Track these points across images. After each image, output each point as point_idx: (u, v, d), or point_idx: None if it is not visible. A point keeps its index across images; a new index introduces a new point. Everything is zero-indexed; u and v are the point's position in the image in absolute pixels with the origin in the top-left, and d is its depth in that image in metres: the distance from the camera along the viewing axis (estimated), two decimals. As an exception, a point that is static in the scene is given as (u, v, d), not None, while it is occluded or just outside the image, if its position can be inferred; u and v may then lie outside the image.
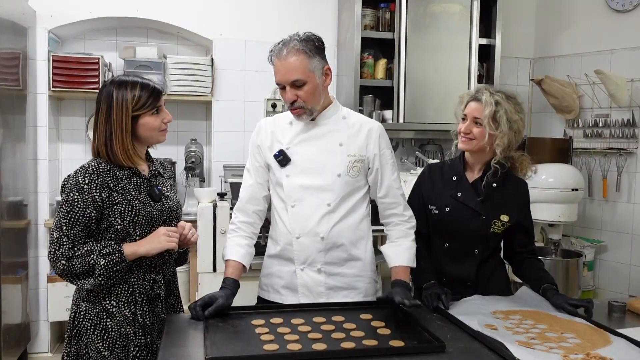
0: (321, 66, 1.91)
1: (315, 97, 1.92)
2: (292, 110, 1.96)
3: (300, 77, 1.88)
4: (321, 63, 1.91)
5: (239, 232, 2.04)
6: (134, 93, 1.80)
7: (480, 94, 2.06)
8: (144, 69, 3.63)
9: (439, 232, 2.16)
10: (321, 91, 1.94)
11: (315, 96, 1.92)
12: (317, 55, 1.90)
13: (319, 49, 1.91)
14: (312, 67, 1.89)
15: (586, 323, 1.85)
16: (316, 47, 1.90)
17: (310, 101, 1.92)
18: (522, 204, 2.17)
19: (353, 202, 2.01)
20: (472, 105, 2.08)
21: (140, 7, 3.65)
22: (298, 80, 1.88)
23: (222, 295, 1.84)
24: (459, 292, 2.06)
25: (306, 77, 1.88)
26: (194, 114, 4.02)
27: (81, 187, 1.74)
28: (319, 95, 1.94)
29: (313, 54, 1.89)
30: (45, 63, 3.53)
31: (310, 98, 1.91)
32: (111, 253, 1.73)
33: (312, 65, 1.88)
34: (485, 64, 3.93)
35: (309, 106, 1.93)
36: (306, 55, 1.87)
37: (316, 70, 1.90)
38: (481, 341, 1.66)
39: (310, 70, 1.88)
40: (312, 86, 1.90)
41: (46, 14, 3.52)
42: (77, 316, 1.81)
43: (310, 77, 1.89)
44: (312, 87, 1.90)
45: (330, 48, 3.92)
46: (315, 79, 1.90)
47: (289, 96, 1.90)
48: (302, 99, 1.90)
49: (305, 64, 1.87)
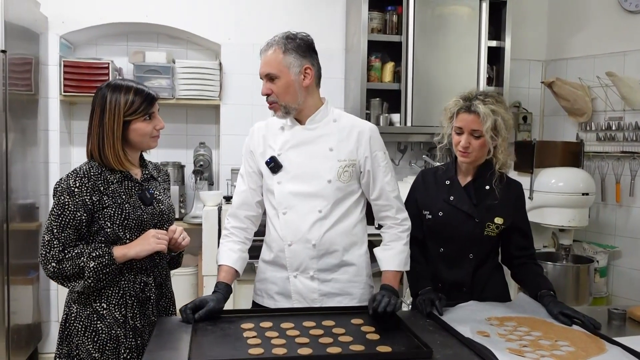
0: (298, 64, 1.92)
1: (289, 94, 1.93)
2: (269, 106, 1.98)
3: (272, 71, 1.91)
4: (299, 61, 1.92)
5: (232, 237, 2.05)
6: (127, 98, 1.82)
7: (475, 107, 2.01)
8: (153, 73, 3.68)
9: (434, 237, 2.14)
10: (297, 89, 1.93)
11: (289, 93, 1.93)
12: (295, 53, 1.91)
13: (300, 47, 1.92)
14: (287, 62, 1.90)
15: (583, 330, 1.81)
16: (296, 45, 1.92)
17: (283, 97, 1.93)
18: (517, 206, 2.13)
19: (345, 208, 2.00)
20: (466, 117, 2.02)
21: (150, 13, 3.70)
22: (270, 74, 1.92)
23: (213, 299, 1.84)
24: (454, 297, 2.04)
25: (279, 71, 1.91)
26: (203, 117, 4.05)
27: (72, 191, 1.76)
28: (294, 93, 1.94)
29: (290, 50, 1.91)
30: (56, 68, 3.59)
31: (283, 94, 1.92)
32: (101, 256, 1.75)
33: (286, 61, 1.90)
34: (495, 66, 3.88)
35: (282, 102, 1.94)
36: (281, 51, 1.91)
37: (291, 67, 1.91)
38: (470, 348, 1.63)
39: (284, 65, 1.90)
40: (285, 82, 1.91)
41: (58, 20, 3.58)
42: (69, 318, 1.83)
43: (284, 72, 1.91)
44: (285, 83, 1.91)
45: (339, 52, 3.93)
46: (289, 75, 1.91)
47: (263, 89, 1.95)
48: (275, 93, 1.93)
49: (279, 58, 1.90)
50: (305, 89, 1.96)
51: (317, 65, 2.00)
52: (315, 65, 1.98)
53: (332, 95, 3.91)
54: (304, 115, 2.01)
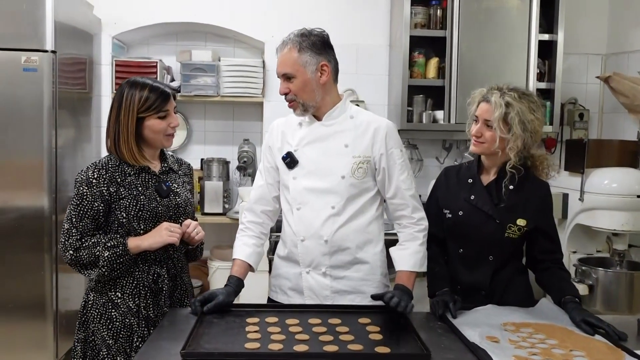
0: (314, 61, 1.91)
1: (306, 92, 1.92)
2: (288, 105, 1.97)
3: (288, 71, 1.91)
4: (314, 58, 1.90)
5: (247, 232, 2.07)
6: (142, 94, 1.87)
7: (490, 95, 1.94)
8: (199, 71, 3.77)
9: (453, 237, 2.06)
10: (314, 87, 1.92)
11: (306, 91, 1.92)
12: (310, 51, 1.90)
13: (315, 45, 1.91)
14: (302, 61, 1.89)
15: (604, 341, 1.69)
16: (311, 43, 1.90)
17: (301, 95, 1.92)
18: (542, 207, 2.02)
19: (360, 204, 1.97)
20: (482, 106, 1.97)
21: (196, 12, 3.79)
22: (286, 74, 1.92)
23: (223, 293, 1.86)
24: (472, 300, 1.97)
25: (295, 71, 1.90)
26: (248, 114, 4.11)
27: (90, 182, 1.84)
28: (311, 91, 1.93)
29: (305, 48, 1.90)
30: (109, 67, 3.76)
31: (301, 92, 1.92)
32: (115, 246, 1.81)
33: (302, 59, 1.89)
34: (547, 61, 3.70)
35: (301, 100, 1.93)
36: (296, 49, 1.90)
37: (307, 66, 1.90)
38: (474, 353, 1.57)
39: (300, 64, 1.89)
40: (302, 80, 1.91)
41: (110, 22, 3.75)
42: (87, 305, 1.91)
43: (300, 72, 1.90)
44: (302, 82, 1.91)
45: (383, 48, 3.87)
46: (306, 74, 1.90)
47: (281, 88, 1.95)
48: (293, 92, 1.92)
49: (294, 58, 1.90)
50: (322, 86, 1.95)
51: (334, 61, 1.98)
52: (332, 62, 1.96)
53: (376, 93, 3.87)
54: (321, 112, 2.00)
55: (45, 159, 3.00)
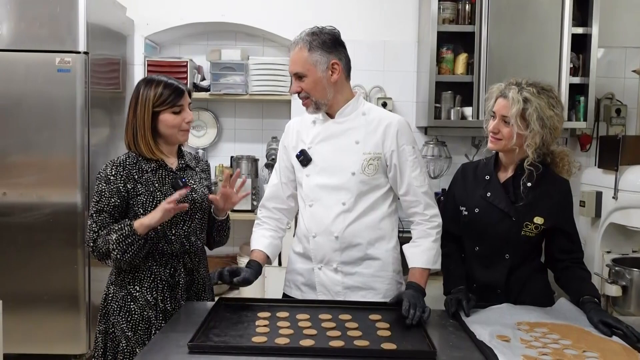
0: (325, 60, 1.91)
1: (318, 90, 1.93)
2: (302, 102, 1.99)
3: (299, 70, 1.92)
4: (325, 57, 1.91)
5: (264, 225, 2.11)
6: (157, 90, 1.93)
7: (508, 90, 1.90)
8: (228, 70, 3.82)
9: (469, 235, 2.04)
10: (325, 85, 1.93)
11: (318, 90, 1.93)
12: (321, 49, 1.90)
13: (325, 43, 1.91)
14: (313, 60, 1.90)
15: (621, 342, 1.64)
16: (322, 41, 1.91)
17: (313, 93, 1.94)
18: (561, 205, 1.97)
19: (371, 201, 1.97)
20: (500, 102, 1.94)
21: (225, 12, 3.84)
22: (298, 73, 1.93)
23: (247, 271, 1.91)
24: (488, 299, 1.94)
25: (305, 70, 1.91)
26: (276, 112, 4.14)
27: (108, 179, 1.90)
28: (323, 90, 1.94)
29: (315, 48, 1.90)
30: (141, 67, 3.86)
31: (312, 91, 1.93)
32: (121, 228, 1.86)
33: (312, 58, 1.90)
34: (581, 55, 3.59)
35: (314, 98, 1.94)
36: (307, 49, 1.90)
37: (318, 65, 1.90)
38: (481, 352, 1.55)
39: (311, 63, 1.90)
40: (313, 79, 1.91)
41: (142, 23, 3.84)
42: (107, 298, 1.98)
43: (311, 71, 1.91)
44: (313, 81, 1.92)
45: (411, 45, 3.84)
46: (317, 73, 1.91)
47: (293, 87, 1.97)
48: (305, 90, 1.94)
49: (304, 56, 1.91)
50: (334, 85, 1.96)
51: (346, 59, 1.98)
52: (343, 60, 1.97)
53: (404, 89, 3.84)
54: (334, 110, 2.02)
55: (78, 156, 3.11)
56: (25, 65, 3.08)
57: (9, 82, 3.08)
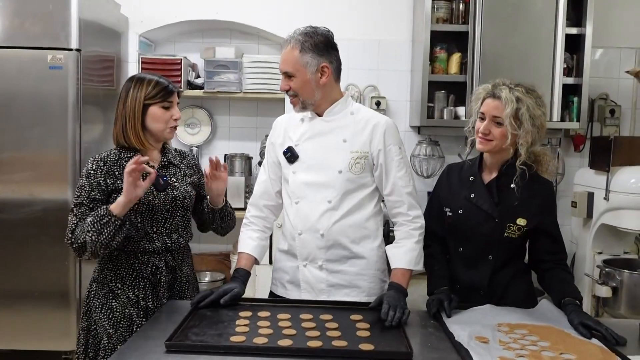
0: (315, 63, 1.91)
1: (305, 91, 1.94)
2: (289, 100, 2.01)
3: (289, 70, 1.93)
4: (315, 60, 1.91)
5: (251, 226, 2.11)
6: (150, 84, 1.96)
7: (499, 91, 1.90)
8: (222, 68, 3.82)
9: (453, 236, 2.04)
10: (313, 87, 1.94)
11: (305, 90, 1.94)
12: (312, 52, 1.90)
13: (317, 46, 1.91)
14: (303, 62, 1.90)
15: (599, 345, 1.64)
16: (314, 43, 1.90)
17: (301, 93, 1.94)
18: (544, 207, 1.97)
19: (357, 200, 1.98)
20: (489, 102, 1.93)
21: (219, 10, 3.84)
22: (287, 72, 1.93)
23: (236, 286, 1.91)
24: (471, 300, 1.94)
25: (295, 70, 1.91)
26: (270, 111, 4.13)
27: (89, 174, 1.93)
28: (310, 91, 1.94)
29: (307, 49, 1.90)
30: (135, 65, 3.85)
31: (300, 90, 1.94)
32: (97, 212, 1.85)
33: (302, 60, 1.90)
34: (575, 55, 3.58)
35: (301, 98, 1.95)
36: (298, 49, 1.90)
37: (308, 66, 1.90)
38: (458, 352, 1.55)
39: (301, 65, 1.90)
40: (301, 80, 1.92)
41: (137, 20, 3.84)
42: (89, 295, 1.98)
43: (300, 72, 1.91)
44: (301, 81, 1.92)
45: (405, 44, 3.83)
46: (306, 74, 1.91)
47: (282, 85, 1.97)
48: (293, 89, 1.94)
49: (295, 57, 1.91)
50: (322, 87, 1.96)
51: (336, 62, 1.99)
52: (333, 63, 1.97)
53: (398, 89, 3.83)
54: (322, 109, 2.02)
55: (69, 153, 3.12)
56: (17, 62, 3.08)
57: (0, 79, 3.08)
